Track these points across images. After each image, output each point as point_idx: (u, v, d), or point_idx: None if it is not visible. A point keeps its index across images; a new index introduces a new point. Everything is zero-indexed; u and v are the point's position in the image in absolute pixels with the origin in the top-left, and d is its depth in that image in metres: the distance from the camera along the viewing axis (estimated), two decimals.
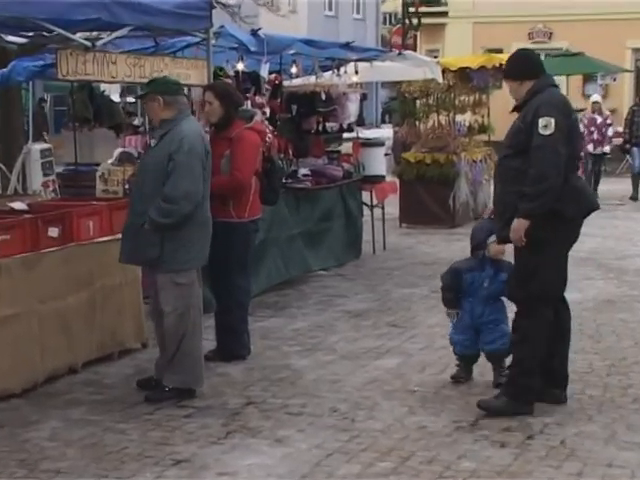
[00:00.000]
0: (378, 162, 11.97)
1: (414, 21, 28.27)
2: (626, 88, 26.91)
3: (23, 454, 5.39)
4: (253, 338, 7.53)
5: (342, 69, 11.73)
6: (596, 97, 19.57)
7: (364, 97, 12.56)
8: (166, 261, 6.22)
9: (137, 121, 13.40)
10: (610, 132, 18.72)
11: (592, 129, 18.49)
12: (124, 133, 11.86)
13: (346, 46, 11.41)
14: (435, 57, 19.31)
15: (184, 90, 6.64)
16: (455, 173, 14.33)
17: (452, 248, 11.99)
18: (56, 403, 6.28)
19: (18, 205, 7.32)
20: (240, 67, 9.58)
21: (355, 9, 44.14)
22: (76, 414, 6.06)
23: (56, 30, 7.12)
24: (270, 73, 10.16)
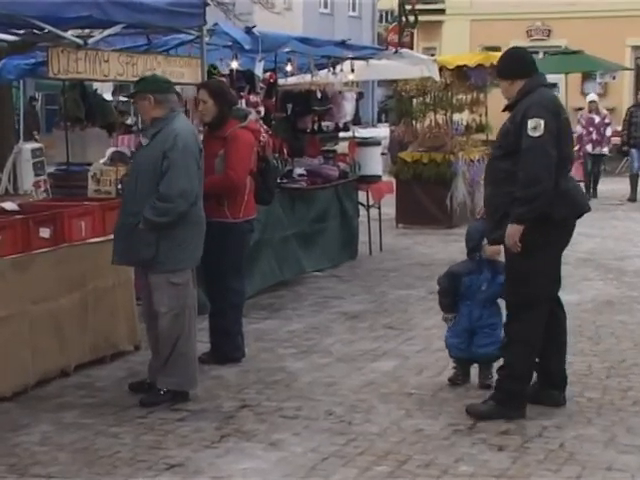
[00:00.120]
0: (374, 162, 11.92)
1: (411, 19, 28.23)
2: (626, 86, 26.89)
3: (13, 458, 5.31)
4: (247, 340, 7.46)
5: (338, 67, 11.64)
6: (593, 96, 19.53)
7: (360, 96, 12.50)
8: (161, 261, 6.16)
9: (130, 120, 13.27)
10: (609, 132, 18.68)
11: (590, 129, 18.47)
12: (117, 132, 11.76)
13: (342, 44, 11.34)
14: (432, 55, 19.24)
15: (174, 88, 6.56)
16: (452, 173, 14.26)
17: (449, 249, 11.94)
18: (47, 406, 6.21)
19: (9, 205, 7.24)
20: (234, 65, 9.50)
21: (351, 6, 43.99)
22: (68, 418, 5.99)
23: (47, 28, 7.04)
24: (265, 71, 10.11)
